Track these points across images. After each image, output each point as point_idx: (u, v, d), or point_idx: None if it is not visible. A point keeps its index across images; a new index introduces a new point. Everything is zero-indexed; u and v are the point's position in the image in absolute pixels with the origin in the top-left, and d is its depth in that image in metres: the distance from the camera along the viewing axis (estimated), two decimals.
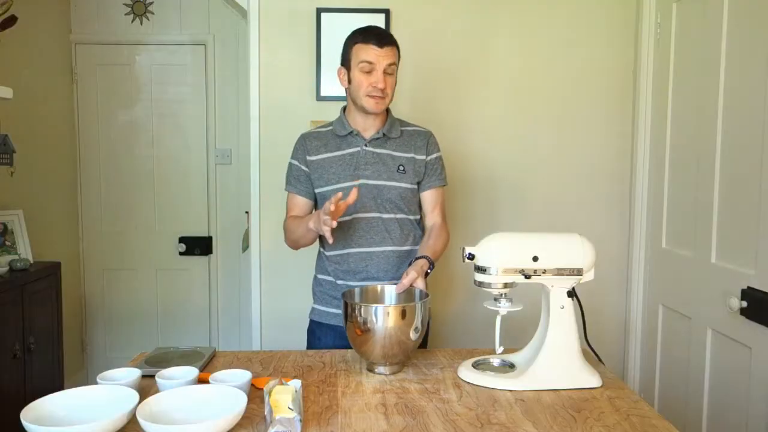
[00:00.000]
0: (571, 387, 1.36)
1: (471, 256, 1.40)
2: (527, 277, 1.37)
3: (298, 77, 2.52)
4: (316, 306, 1.92)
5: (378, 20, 2.47)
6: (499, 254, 1.38)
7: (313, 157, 1.80)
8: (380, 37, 1.70)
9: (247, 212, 3.04)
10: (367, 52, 1.69)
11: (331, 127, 1.84)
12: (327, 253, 1.84)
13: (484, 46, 2.54)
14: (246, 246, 3.14)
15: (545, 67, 2.56)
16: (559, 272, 1.38)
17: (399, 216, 1.79)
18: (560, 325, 1.39)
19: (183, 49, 3.48)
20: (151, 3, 3.46)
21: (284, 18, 2.50)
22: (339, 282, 1.82)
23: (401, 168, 1.78)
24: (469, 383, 1.39)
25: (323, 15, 2.48)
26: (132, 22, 3.47)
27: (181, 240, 3.55)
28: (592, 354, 1.53)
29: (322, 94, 2.50)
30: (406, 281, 1.56)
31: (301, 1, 2.49)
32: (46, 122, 3.19)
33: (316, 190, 1.81)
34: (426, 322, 1.46)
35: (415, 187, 1.81)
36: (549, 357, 1.37)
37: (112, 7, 3.46)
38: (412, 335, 1.40)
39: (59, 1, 3.36)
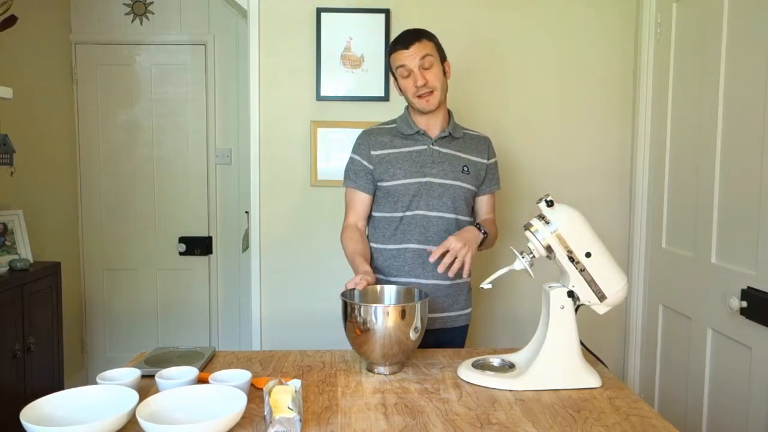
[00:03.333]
0: (571, 387, 1.36)
1: (550, 203, 1.40)
2: (571, 260, 1.38)
3: (298, 77, 2.52)
4: None
5: (378, 20, 2.47)
6: (571, 223, 1.39)
7: (379, 152, 1.81)
8: (405, 39, 1.74)
9: (247, 212, 3.04)
10: (397, 59, 1.74)
11: (395, 125, 1.86)
12: (380, 246, 1.83)
13: (483, 46, 2.54)
14: (246, 246, 3.14)
15: (545, 67, 2.56)
16: (590, 282, 1.39)
17: (460, 217, 1.82)
18: (560, 325, 1.38)
19: (183, 49, 3.48)
20: (151, 3, 3.47)
21: (284, 18, 2.50)
22: (391, 279, 1.81)
23: (465, 168, 1.82)
24: (468, 383, 1.39)
25: (323, 15, 2.48)
26: (132, 22, 3.47)
27: (181, 240, 3.55)
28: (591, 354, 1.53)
29: (322, 94, 2.50)
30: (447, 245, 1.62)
31: (301, 1, 2.49)
32: (46, 122, 3.19)
33: (381, 184, 1.81)
34: (426, 322, 1.46)
35: (475, 190, 1.85)
36: (549, 357, 1.37)
37: (112, 7, 3.46)
38: (412, 335, 1.40)
39: (59, 1, 3.36)
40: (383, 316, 1.37)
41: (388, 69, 1.84)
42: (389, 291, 1.60)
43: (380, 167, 1.80)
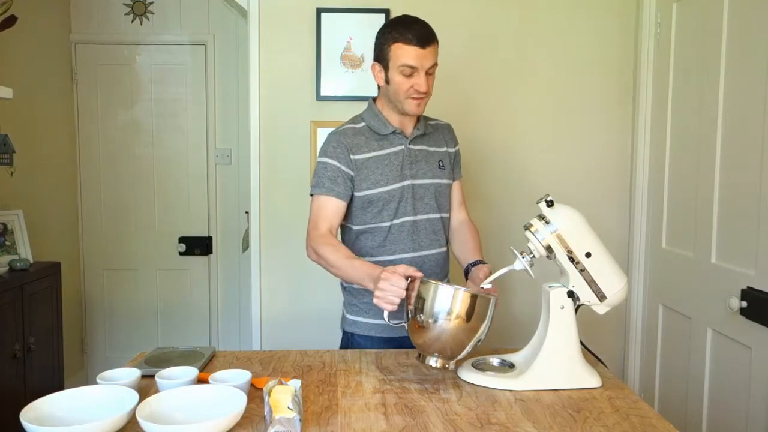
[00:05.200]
0: (571, 387, 1.36)
1: (550, 203, 1.39)
2: (571, 260, 1.38)
3: (298, 77, 2.51)
4: (362, 319, 1.73)
5: (378, 20, 2.46)
6: (571, 223, 1.39)
7: (359, 156, 1.63)
8: (423, 36, 1.55)
9: (247, 212, 3.04)
10: (408, 55, 1.55)
11: (364, 124, 1.68)
12: (374, 260, 1.65)
13: (483, 45, 2.54)
14: (246, 246, 3.14)
15: (545, 67, 2.56)
16: (590, 282, 1.39)
17: (443, 215, 1.74)
18: (560, 325, 1.38)
19: (183, 49, 3.49)
20: (151, 3, 3.46)
21: (284, 18, 2.50)
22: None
23: (441, 164, 1.73)
24: (468, 383, 1.39)
25: (323, 15, 2.48)
26: (132, 22, 3.47)
27: (181, 240, 3.55)
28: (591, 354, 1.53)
29: (322, 94, 2.50)
30: (483, 276, 1.54)
31: (301, 1, 2.49)
32: (46, 122, 3.19)
33: (359, 193, 1.64)
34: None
35: (451, 182, 1.77)
36: (549, 357, 1.37)
37: (112, 7, 3.46)
38: (481, 331, 1.34)
39: (59, 1, 3.36)
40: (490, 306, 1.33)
41: (381, 58, 1.61)
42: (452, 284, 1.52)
43: (361, 174, 1.63)
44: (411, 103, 1.61)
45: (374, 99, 1.73)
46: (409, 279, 1.35)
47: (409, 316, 1.34)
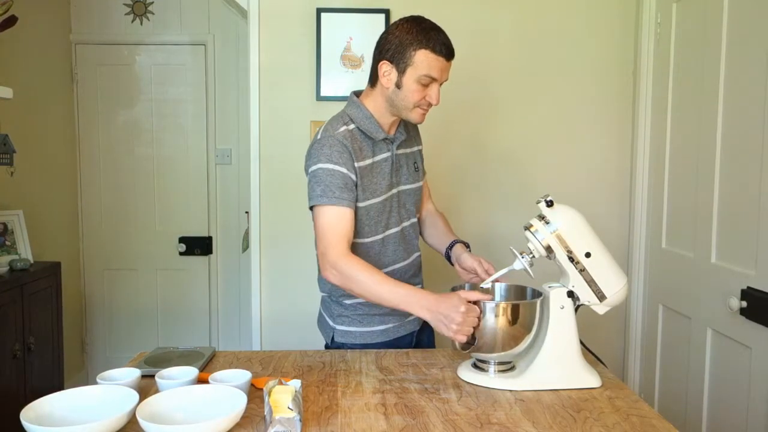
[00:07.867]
0: (571, 387, 1.36)
1: (550, 203, 1.39)
2: (571, 260, 1.38)
3: (298, 77, 2.52)
4: (356, 329, 1.66)
5: (378, 20, 2.47)
6: (570, 223, 1.39)
7: (361, 163, 1.52)
8: (450, 48, 1.51)
9: (247, 212, 3.04)
10: (434, 66, 1.48)
11: (354, 126, 1.55)
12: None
13: (483, 46, 2.54)
14: (246, 246, 3.14)
15: (545, 67, 2.56)
16: (589, 282, 1.39)
17: (417, 217, 1.73)
18: (560, 325, 1.38)
19: (183, 49, 3.49)
20: (151, 3, 3.47)
21: (284, 18, 2.50)
22: (374, 310, 1.65)
23: (416, 165, 1.69)
24: (468, 383, 1.39)
25: (323, 15, 2.48)
26: (132, 22, 3.47)
27: (181, 240, 3.55)
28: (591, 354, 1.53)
29: (322, 94, 2.50)
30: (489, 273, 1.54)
31: (301, 1, 2.49)
32: (46, 122, 3.19)
33: (360, 204, 1.53)
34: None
35: (422, 182, 1.74)
36: (549, 357, 1.37)
37: (112, 7, 3.46)
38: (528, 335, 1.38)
39: (59, 1, 3.36)
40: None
41: (398, 59, 1.48)
42: (498, 288, 1.54)
43: (363, 182, 1.53)
44: (418, 113, 1.53)
45: (356, 94, 1.60)
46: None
47: (476, 337, 1.35)
